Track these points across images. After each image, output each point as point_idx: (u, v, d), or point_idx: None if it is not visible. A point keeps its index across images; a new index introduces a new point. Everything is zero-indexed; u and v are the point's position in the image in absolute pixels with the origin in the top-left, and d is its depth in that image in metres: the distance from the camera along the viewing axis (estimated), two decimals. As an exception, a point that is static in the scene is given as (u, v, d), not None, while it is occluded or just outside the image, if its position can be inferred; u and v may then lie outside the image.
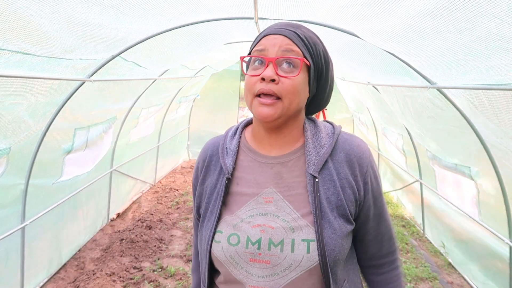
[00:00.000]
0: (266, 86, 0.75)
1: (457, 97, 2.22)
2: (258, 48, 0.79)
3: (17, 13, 1.38)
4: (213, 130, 7.08)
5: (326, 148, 0.83)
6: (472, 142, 2.53)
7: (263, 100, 0.76)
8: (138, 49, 2.53)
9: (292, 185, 0.82)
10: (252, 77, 0.77)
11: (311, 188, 0.79)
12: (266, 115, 0.76)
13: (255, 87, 0.77)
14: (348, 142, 0.85)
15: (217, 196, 0.85)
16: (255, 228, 0.79)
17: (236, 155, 0.88)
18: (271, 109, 0.76)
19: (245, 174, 0.86)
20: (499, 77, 1.57)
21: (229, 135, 0.93)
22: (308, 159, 0.82)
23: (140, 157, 4.96)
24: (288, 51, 0.77)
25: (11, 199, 2.46)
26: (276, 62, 0.77)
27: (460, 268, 3.41)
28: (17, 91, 1.95)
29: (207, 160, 0.92)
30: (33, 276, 2.85)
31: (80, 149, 3.08)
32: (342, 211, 0.80)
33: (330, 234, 0.76)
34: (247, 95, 0.79)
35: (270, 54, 0.77)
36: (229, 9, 2.30)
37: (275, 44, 0.77)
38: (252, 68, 0.79)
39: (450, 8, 1.27)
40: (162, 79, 4.04)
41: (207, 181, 0.90)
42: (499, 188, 2.53)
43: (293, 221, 0.78)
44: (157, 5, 1.91)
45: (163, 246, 3.84)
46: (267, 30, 0.81)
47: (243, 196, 0.84)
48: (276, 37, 0.78)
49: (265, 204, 0.81)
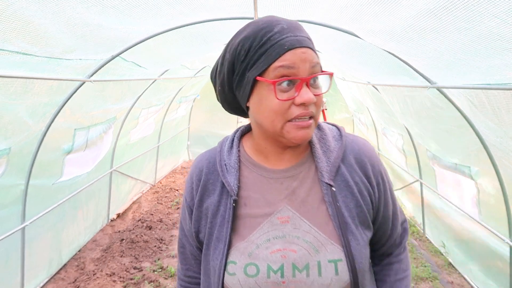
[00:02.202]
0: (306, 110, 0.66)
1: (457, 96, 2.22)
2: (284, 64, 0.64)
3: (17, 13, 1.38)
4: (213, 130, 7.08)
5: (336, 153, 0.77)
6: (472, 141, 2.53)
7: (302, 123, 0.67)
8: (138, 49, 2.53)
9: (307, 200, 0.74)
10: (284, 102, 0.66)
11: (329, 199, 0.73)
12: (305, 138, 0.68)
13: (291, 112, 0.66)
14: (355, 142, 0.80)
15: (223, 220, 0.75)
16: (274, 254, 0.70)
17: (238, 171, 0.78)
18: (310, 130, 0.68)
19: (252, 192, 0.76)
20: (499, 76, 1.57)
21: (225, 149, 0.82)
22: (319, 167, 0.75)
23: (140, 157, 4.96)
24: (316, 66, 0.67)
25: (11, 199, 2.46)
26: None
27: (460, 268, 3.40)
28: (17, 92, 1.95)
29: (202, 179, 0.80)
30: (33, 276, 2.85)
31: (80, 149, 3.08)
32: (362, 218, 0.74)
33: (356, 246, 0.70)
34: (276, 121, 0.67)
35: (301, 72, 0.65)
36: (229, 9, 2.30)
37: (305, 60, 0.65)
38: (280, 90, 0.66)
39: (450, 7, 1.27)
40: (162, 79, 4.03)
41: (206, 203, 0.79)
42: (499, 187, 2.53)
43: (315, 241, 0.70)
44: (157, 5, 1.91)
45: (163, 246, 3.83)
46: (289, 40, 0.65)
47: (254, 218, 0.74)
48: (304, 51, 0.65)
49: (281, 225, 0.73)
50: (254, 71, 0.67)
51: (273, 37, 0.66)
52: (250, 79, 0.68)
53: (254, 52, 0.67)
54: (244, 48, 0.68)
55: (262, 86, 0.67)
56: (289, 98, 0.66)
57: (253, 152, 0.81)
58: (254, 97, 0.70)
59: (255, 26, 0.68)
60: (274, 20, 0.68)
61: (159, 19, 2.19)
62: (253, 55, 0.67)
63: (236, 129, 0.87)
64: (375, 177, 0.78)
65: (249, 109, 0.75)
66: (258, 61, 0.66)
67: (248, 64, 0.68)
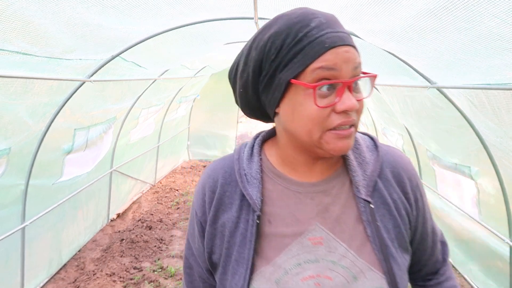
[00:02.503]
0: (348, 118, 0.57)
1: (457, 96, 2.22)
2: (324, 65, 0.55)
3: (17, 13, 1.38)
4: (213, 130, 7.08)
5: (372, 165, 0.68)
6: (472, 141, 2.53)
7: (344, 133, 0.58)
8: (138, 49, 2.53)
9: (342, 218, 0.65)
10: (323, 109, 0.57)
11: (367, 218, 0.64)
12: (346, 149, 0.59)
13: (331, 120, 0.57)
14: (390, 154, 0.71)
15: (243, 239, 0.65)
16: (306, 282, 0.61)
17: (261, 183, 0.67)
18: (351, 140, 0.60)
19: (278, 208, 0.66)
20: (499, 76, 1.57)
21: (244, 156, 0.71)
22: (355, 180, 0.66)
23: (140, 157, 4.96)
24: (358, 67, 0.58)
25: (11, 199, 2.46)
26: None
27: (460, 267, 3.40)
28: (17, 92, 1.95)
29: (218, 190, 0.70)
30: (33, 276, 2.85)
31: (80, 149, 3.08)
32: (401, 241, 0.65)
33: (398, 272, 0.62)
34: (313, 130, 0.58)
35: (344, 75, 0.56)
36: (229, 9, 2.30)
37: (348, 61, 0.56)
38: (319, 95, 0.57)
39: (450, 7, 1.27)
40: (162, 79, 4.04)
41: (222, 219, 0.68)
42: (499, 187, 2.53)
43: (353, 266, 0.61)
44: (157, 5, 1.91)
45: (163, 246, 3.83)
46: (329, 37, 0.56)
47: (281, 238, 0.64)
48: (347, 50, 0.56)
49: (313, 247, 0.63)
50: (287, 73, 0.58)
51: (311, 33, 0.56)
52: (283, 81, 0.58)
53: (288, 50, 0.57)
54: (275, 46, 0.58)
55: (297, 90, 0.58)
56: (329, 104, 0.57)
57: (278, 161, 0.70)
58: (286, 103, 0.61)
59: (287, 20, 0.59)
60: (310, 12, 0.59)
61: (159, 19, 2.19)
62: (286, 54, 0.57)
63: (256, 135, 0.76)
64: (413, 193, 0.69)
65: (277, 115, 0.65)
66: (292, 61, 0.57)
67: (280, 64, 0.58)
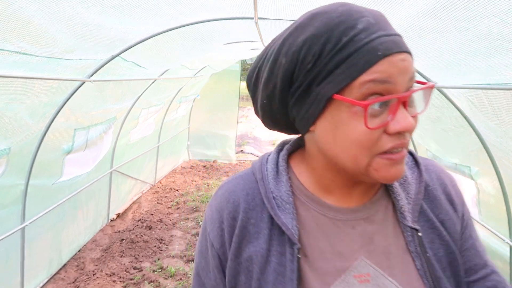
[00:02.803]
0: (401, 140, 0.47)
1: (457, 96, 2.22)
2: (377, 78, 0.45)
3: (17, 13, 1.38)
4: (213, 130, 7.08)
5: (415, 186, 0.59)
6: (472, 141, 2.53)
7: (397, 157, 0.48)
8: (138, 49, 2.53)
9: (389, 250, 0.56)
10: (373, 131, 0.46)
11: (415, 248, 0.55)
12: (398, 177, 0.50)
13: (382, 143, 0.47)
14: (431, 170, 0.63)
15: (279, 277, 0.53)
16: None
17: (294, 208, 0.57)
18: (403, 164, 0.50)
19: (314, 239, 0.56)
20: (499, 76, 1.57)
21: (270, 175, 0.59)
22: (399, 205, 0.57)
23: (140, 157, 4.96)
24: (413, 77, 0.48)
25: (11, 199, 2.46)
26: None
27: (460, 268, 3.41)
28: (17, 92, 1.95)
29: (240, 217, 0.58)
30: (33, 276, 2.85)
31: (80, 149, 3.08)
32: (454, 268, 0.56)
33: None
34: (361, 156, 0.48)
35: (399, 88, 0.46)
36: (229, 9, 2.30)
37: (405, 71, 0.46)
38: (370, 115, 0.46)
39: (450, 7, 1.27)
40: (162, 79, 4.04)
41: (248, 252, 0.56)
42: (499, 187, 2.53)
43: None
44: (157, 5, 1.90)
45: (163, 246, 3.83)
46: (382, 42, 0.45)
47: (322, 275, 0.54)
48: (403, 58, 0.46)
49: (359, 285, 0.54)
50: (328, 86, 0.47)
51: (358, 37, 0.45)
52: (322, 96, 0.48)
53: (329, 58, 0.47)
54: (312, 52, 0.47)
55: (340, 106, 0.48)
56: (381, 124, 0.46)
57: (310, 182, 0.59)
58: (325, 121, 0.50)
59: (327, 19, 0.48)
60: (354, 10, 0.48)
61: (159, 19, 2.19)
62: (327, 64, 0.47)
63: (279, 147, 0.64)
64: (459, 209, 0.61)
65: (310, 132, 0.55)
66: (334, 72, 0.47)
67: (318, 75, 0.48)
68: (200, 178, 6.20)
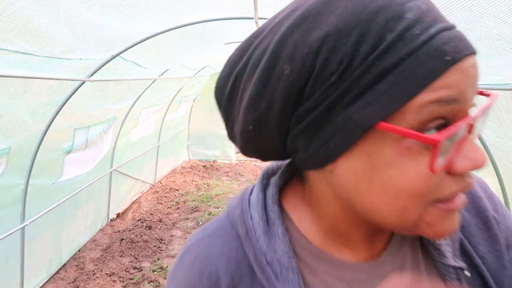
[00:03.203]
0: (468, 181, 0.33)
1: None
2: (445, 97, 0.29)
3: (17, 13, 1.38)
4: (213, 130, 7.08)
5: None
6: (472, 142, 2.53)
7: (456, 206, 0.33)
8: (138, 49, 2.53)
9: None
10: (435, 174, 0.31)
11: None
12: (454, 231, 0.35)
13: (442, 189, 0.32)
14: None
15: None
16: None
17: (299, 274, 0.39)
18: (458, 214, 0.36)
19: None
20: (499, 76, 1.57)
21: (258, 227, 0.41)
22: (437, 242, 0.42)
23: (140, 157, 4.96)
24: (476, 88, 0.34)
25: (11, 199, 2.46)
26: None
27: (460, 268, 3.41)
28: (17, 91, 1.95)
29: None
30: (33, 276, 2.85)
31: (80, 149, 3.08)
32: None
33: None
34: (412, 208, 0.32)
35: (467, 106, 0.32)
36: (229, 9, 2.30)
37: (475, 82, 0.32)
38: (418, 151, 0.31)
39: (450, 7, 1.27)
40: (162, 79, 4.04)
41: None
42: (499, 188, 2.53)
43: None
44: (157, 5, 1.91)
45: (163, 246, 3.83)
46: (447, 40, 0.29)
47: None
48: (474, 62, 0.31)
49: None
50: (368, 110, 0.30)
51: (411, 33, 0.29)
52: (359, 125, 0.31)
53: (367, 66, 0.30)
54: (338, 57, 0.30)
55: (384, 139, 0.31)
56: (448, 163, 0.31)
57: (316, 232, 0.42)
58: (355, 159, 0.33)
59: (356, 3, 0.30)
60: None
61: (159, 19, 2.20)
62: (363, 75, 0.30)
63: (263, 180, 0.45)
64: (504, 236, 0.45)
65: (323, 169, 0.36)
66: (376, 88, 0.30)
67: (349, 92, 0.31)
68: (200, 178, 6.20)
